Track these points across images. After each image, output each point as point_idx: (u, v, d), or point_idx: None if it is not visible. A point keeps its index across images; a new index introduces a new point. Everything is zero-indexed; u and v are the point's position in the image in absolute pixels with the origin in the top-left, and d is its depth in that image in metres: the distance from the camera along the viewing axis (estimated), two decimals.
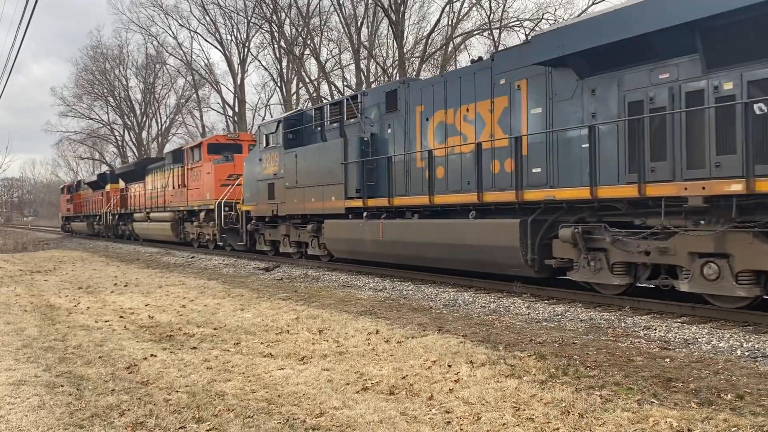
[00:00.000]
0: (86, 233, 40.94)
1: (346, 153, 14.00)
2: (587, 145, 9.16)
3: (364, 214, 13.40)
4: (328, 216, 14.68)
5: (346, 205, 14.00)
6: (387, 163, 13.13)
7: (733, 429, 4.18)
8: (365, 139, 13.85)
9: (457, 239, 11.01)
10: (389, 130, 13.51)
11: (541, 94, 10.10)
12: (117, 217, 34.19)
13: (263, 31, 43.64)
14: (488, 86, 11.02)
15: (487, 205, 10.82)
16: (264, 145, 17.39)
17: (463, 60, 35.56)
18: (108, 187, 35.95)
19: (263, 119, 46.88)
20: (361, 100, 14.50)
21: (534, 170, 10.13)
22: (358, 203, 13.65)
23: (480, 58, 12.08)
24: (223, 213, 20.18)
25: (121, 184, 33.80)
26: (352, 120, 14.48)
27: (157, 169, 28.17)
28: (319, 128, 15.71)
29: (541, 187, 9.92)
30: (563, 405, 4.72)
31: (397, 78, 29.26)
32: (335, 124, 15.05)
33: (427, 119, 12.45)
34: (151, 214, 27.92)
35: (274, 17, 40.10)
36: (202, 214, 22.37)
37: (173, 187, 25.31)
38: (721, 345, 6.80)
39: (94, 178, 39.81)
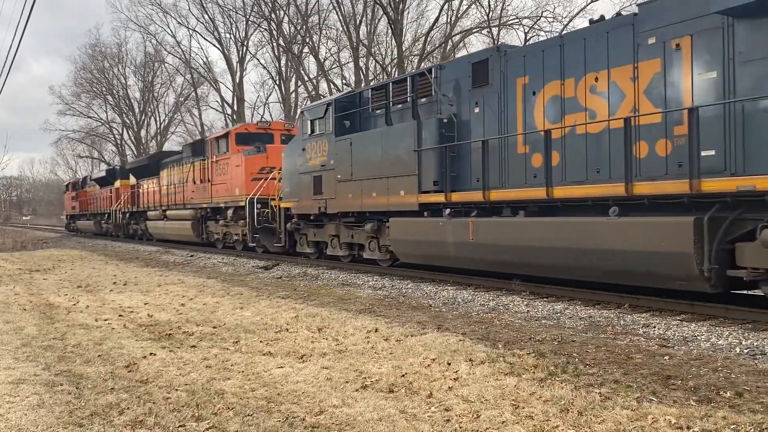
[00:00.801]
0: (93, 232, 38.88)
1: (420, 138, 11.78)
2: None
3: (446, 211, 11.21)
4: (393, 213, 12.58)
5: (421, 200, 11.79)
6: (482, 149, 10.72)
7: (732, 426, 4.18)
8: (445, 120, 11.50)
9: (590, 243, 8.77)
10: (476, 109, 11.16)
11: (715, 53, 7.85)
12: (128, 215, 32.04)
13: (262, 30, 43.62)
14: (629, 47, 8.78)
15: (636, 198, 8.48)
16: (308, 132, 15.27)
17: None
18: (117, 183, 33.78)
19: (262, 117, 46.88)
20: (436, 75, 12.06)
21: (704, 153, 7.87)
22: (438, 198, 11.45)
23: (602, 18, 9.60)
24: (255, 210, 18.00)
25: (132, 180, 31.37)
26: (423, 99, 12.34)
27: (174, 163, 25.90)
28: (378, 110, 13.55)
29: (715, 175, 7.72)
30: (562, 403, 4.72)
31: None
32: (401, 105, 12.84)
33: (534, 93, 10.16)
34: (168, 212, 25.65)
35: (273, 15, 40.08)
36: (229, 212, 20.26)
37: (194, 183, 23.03)
38: (720, 343, 6.81)
39: (102, 173, 37.62)
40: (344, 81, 40.18)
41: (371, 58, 37.65)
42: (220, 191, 20.98)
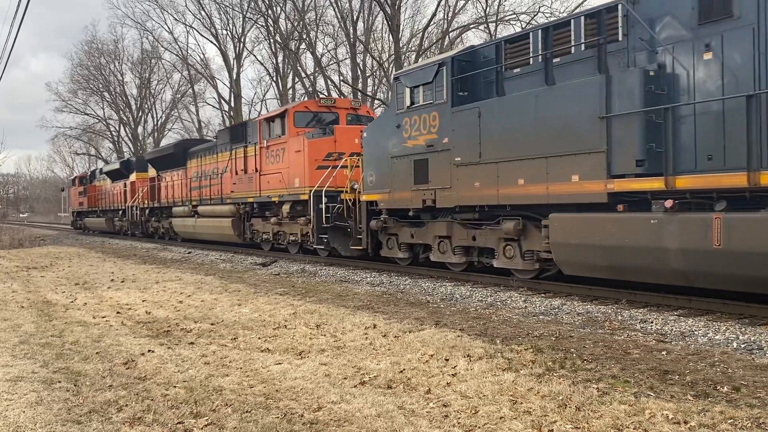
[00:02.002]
0: (104, 231, 35.51)
1: (610, 99, 8.54)
2: None
3: (667, 203, 7.93)
4: (554, 207, 9.49)
5: (615, 187, 8.56)
6: (749, 109, 7.32)
7: (729, 421, 4.20)
8: (651, 73, 8.32)
9: None
10: (707, 55, 7.94)
11: None
12: (147, 212, 28.51)
13: (259, 26, 43.50)
14: None
15: None
16: (406, 104, 12.10)
17: None
18: (133, 176, 30.24)
19: (259, 114, 46.84)
20: (624, 12, 8.88)
21: None
22: (648, 184, 8.23)
23: None
24: (323, 205, 14.79)
25: (152, 172, 27.84)
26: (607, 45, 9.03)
27: (206, 152, 22.75)
28: (517, 68, 10.36)
29: None
30: (560, 398, 4.73)
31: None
32: (568, 57, 9.62)
33: None
34: (200, 208, 22.22)
35: (270, 12, 39.99)
36: (285, 208, 16.98)
37: (235, 173, 19.72)
38: (717, 337, 6.83)
39: (116, 165, 34.13)
40: (341, 77, 40.16)
41: (368, 54, 37.60)
42: (271, 183, 17.55)
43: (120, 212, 32.56)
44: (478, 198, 10.71)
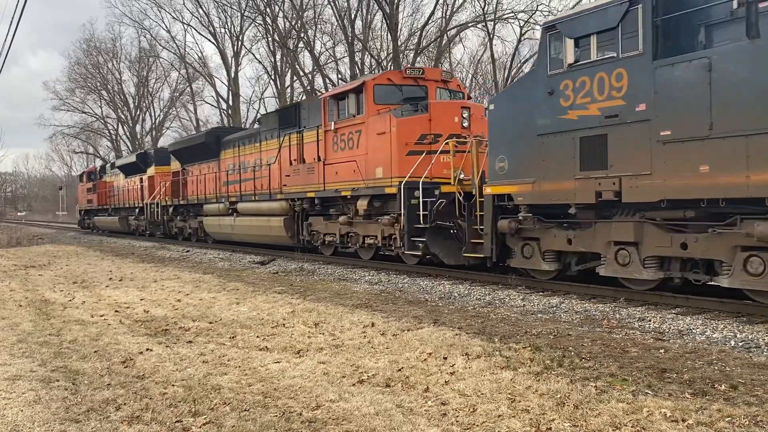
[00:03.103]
0: (117, 231, 32.41)
1: None
2: None
3: None
4: None
5: None
6: None
7: (726, 419, 4.20)
8: None
9: None
10: None
11: None
12: (171, 210, 25.39)
13: (257, 24, 43.46)
14: None
15: None
16: (567, 61, 9.17)
17: (458, 52, 35.52)
18: (151, 170, 27.35)
19: (258, 112, 46.83)
20: None
21: None
22: None
23: None
24: (421, 200, 11.94)
25: (175, 165, 24.90)
26: None
27: (245, 139, 19.81)
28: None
29: None
30: (558, 396, 4.74)
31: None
32: None
33: None
34: (240, 205, 19.30)
35: (268, 10, 39.94)
36: (361, 204, 13.75)
37: (289, 163, 16.64)
38: (715, 336, 6.84)
39: (131, 158, 30.88)
40: (340, 76, 40.13)
41: (367, 53, 37.58)
42: (341, 173, 14.44)
43: (136, 210, 29.41)
44: (705, 188, 7.66)
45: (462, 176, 11.84)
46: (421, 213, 11.91)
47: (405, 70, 14.49)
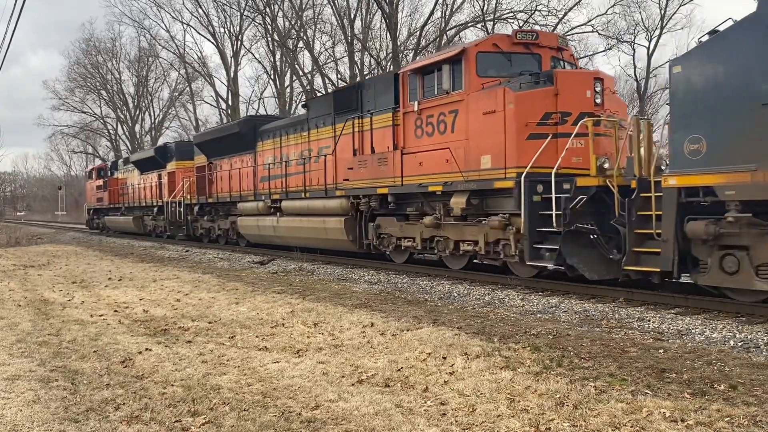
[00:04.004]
0: (131, 232, 30.26)
1: None
2: None
3: None
4: None
5: None
6: None
7: (726, 419, 4.21)
8: None
9: None
10: None
11: None
12: (197, 209, 22.95)
13: (256, 24, 43.50)
14: None
15: None
16: None
17: None
18: (172, 165, 25.08)
19: (257, 112, 46.81)
20: None
21: None
22: None
23: None
24: (551, 196, 9.33)
25: (199, 159, 22.45)
26: None
27: (289, 128, 17.21)
28: None
29: None
30: (558, 396, 4.74)
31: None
32: None
33: None
34: (285, 204, 16.92)
35: (267, 10, 39.94)
36: (458, 201, 11.17)
37: (351, 154, 14.10)
38: (714, 336, 6.85)
39: (149, 152, 28.41)
40: (339, 76, 40.14)
41: (366, 52, 37.59)
42: (427, 164, 11.86)
43: (154, 209, 27.11)
44: None
45: (606, 164, 9.46)
46: (554, 212, 9.24)
47: (516, 33, 11.44)
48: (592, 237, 9.21)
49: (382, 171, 12.91)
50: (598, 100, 10.14)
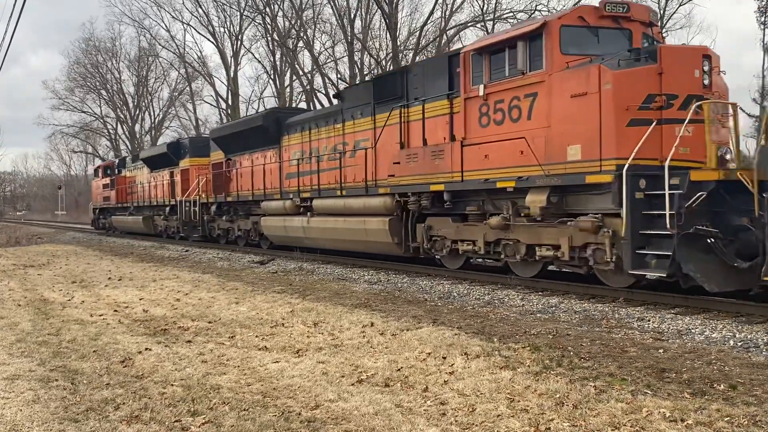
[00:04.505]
0: (140, 233, 29.00)
1: None
2: None
3: None
4: None
5: None
6: None
7: (725, 419, 4.21)
8: None
9: None
10: None
11: None
12: (214, 208, 21.53)
13: (256, 24, 43.52)
14: None
15: None
16: None
17: None
18: (185, 162, 24.04)
19: (256, 111, 46.73)
20: None
21: None
22: None
23: None
24: (667, 192, 8.00)
25: (216, 155, 21.24)
26: None
27: (320, 120, 15.84)
28: None
29: None
30: (557, 396, 4.74)
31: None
32: None
33: None
34: (318, 202, 15.42)
35: (267, 9, 39.95)
36: (535, 199, 9.76)
37: (398, 147, 12.53)
38: (714, 336, 6.85)
39: (160, 149, 26.97)
40: (339, 75, 40.14)
41: (366, 52, 37.58)
42: (495, 156, 10.41)
43: (166, 209, 25.89)
44: None
45: (729, 156, 8.38)
46: (667, 212, 7.90)
47: (604, 5, 9.69)
48: (709, 241, 7.88)
49: (437, 165, 11.39)
50: (707, 81, 8.84)
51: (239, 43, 47.04)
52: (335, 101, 15.96)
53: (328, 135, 15.28)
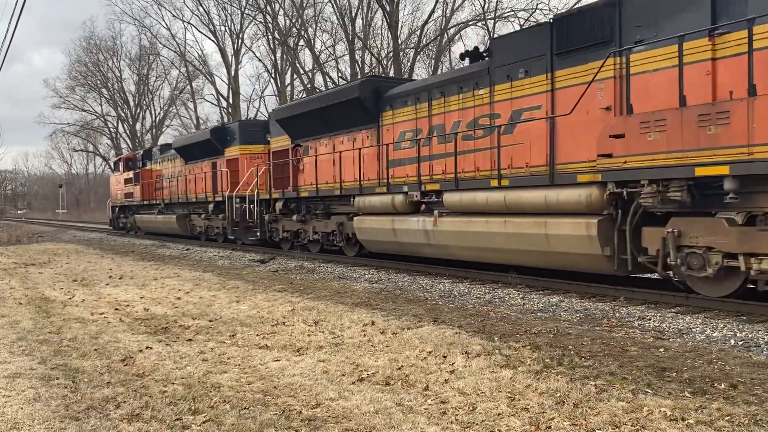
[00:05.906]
0: (172, 234, 25.29)
1: None
2: None
3: None
4: None
5: None
6: None
7: (726, 418, 4.21)
8: None
9: None
10: None
11: None
12: (281, 205, 17.28)
13: (257, 22, 43.59)
14: None
15: None
16: None
17: (458, 51, 35.52)
18: (233, 150, 20.55)
19: (258, 111, 46.76)
20: None
21: None
22: None
23: None
24: None
25: (277, 142, 17.69)
26: None
27: (443, 87, 12.00)
28: None
29: None
30: (558, 395, 4.74)
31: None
32: None
33: None
34: (451, 197, 11.51)
35: (268, 8, 39.96)
36: None
37: (617, 112, 8.69)
38: (714, 335, 6.84)
39: (204, 135, 22.35)
40: (340, 74, 40.13)
41: (367, 51, 37.58)
42: None
43: (209, 207, 22.11)
44: None
45: None
46: None
47: None
48: None
49: (710, 137, 7.36)
50: None
51: (240, 41, 47.11)
52: (465, 62, 12.19)
53: (463, 105, 11.47)
